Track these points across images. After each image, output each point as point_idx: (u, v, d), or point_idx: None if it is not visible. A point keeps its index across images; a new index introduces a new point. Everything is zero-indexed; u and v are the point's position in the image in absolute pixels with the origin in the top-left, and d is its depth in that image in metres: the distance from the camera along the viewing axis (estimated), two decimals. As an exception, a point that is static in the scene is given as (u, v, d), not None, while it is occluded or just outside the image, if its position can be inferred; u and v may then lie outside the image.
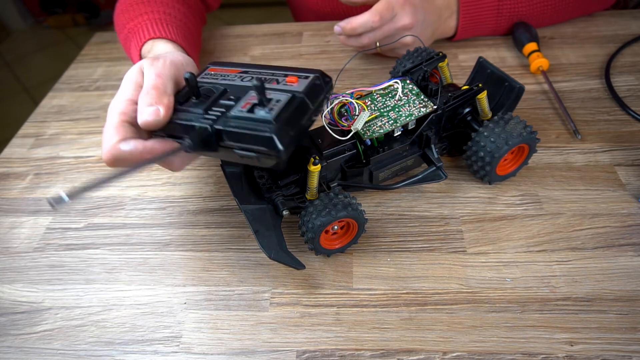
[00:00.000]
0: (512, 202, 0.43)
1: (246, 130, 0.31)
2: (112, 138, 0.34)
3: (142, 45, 0.51)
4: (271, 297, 0.38)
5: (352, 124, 0.39)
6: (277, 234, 0.38)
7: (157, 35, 0.51)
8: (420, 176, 0.42)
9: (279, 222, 0.39)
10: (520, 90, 0.43)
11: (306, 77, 0.35)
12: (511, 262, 0.38)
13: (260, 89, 0.31)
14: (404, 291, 0.37)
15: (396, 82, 0.43)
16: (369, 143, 0.41)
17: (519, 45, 0.58)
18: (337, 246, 0.39)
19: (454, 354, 0.34)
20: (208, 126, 0.32)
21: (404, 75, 0.44)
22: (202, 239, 0.43)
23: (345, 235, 0.39)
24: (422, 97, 0.42)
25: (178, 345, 0.36)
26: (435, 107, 0.41)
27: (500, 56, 0.60)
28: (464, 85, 0.45)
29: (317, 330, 0.36)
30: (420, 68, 0.43)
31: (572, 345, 0.33)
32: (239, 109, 0.33)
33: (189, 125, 0.34)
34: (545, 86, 0.55)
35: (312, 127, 0.36)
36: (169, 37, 0.51)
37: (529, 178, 0.45)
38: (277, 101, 0.32)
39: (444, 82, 0.47)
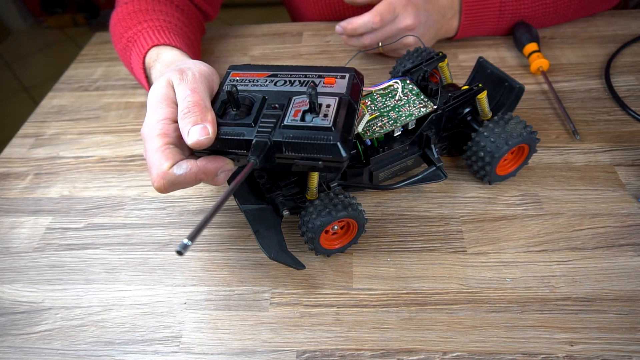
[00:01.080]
0: (512, 202, 0.43)
1: (307, 140, 0.30)
2: (162, 164, 0.32)
3: (146, 52, 0.49)
4: (271, 297, 0.38)
5: None
6: (277, 234, 0.38)
7: (162, 42, 0.49)
8: (420, 176, 0.42)
9: (279, 222, 0.39)
10: (520, 90, 0.43)
11: (343, 77, 0.34)
12: (511, 262, 0.38)
13: (315, 96, 0.30)
14: (404, 291, 0.37)
15: (396, 82, 0.43)
16: (369, 143, 0.40)
17: (519, 46, 0.58)
18: (337, 246, 0.39)
19: (454, 354, 0.34)
20: (267, 139, 0.31)
21: (404, 75, 0.44)
22: (202, 239, 0.43)
23: (345, 235, 0.39)
24: (422, 97, 0.42)
25: (178, 345, 0.36)
26: (435, 107, 0.41)
27: (500, 56, 0.60)
28: (464, 85, 0.45)
29: (317, 330, 0.36)
30: (420, 68, 0.43)
31: (572, 345, 0.33)
32: (292, 118, 0.32)
33: (241, 140, 0.32)
34: (545, 86, 0.55)
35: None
36: (174, 44, 0.49)
37: (529, 178, 0.45)
38: (327, 106, 0.32)
39: (444, 82, 0.47)
